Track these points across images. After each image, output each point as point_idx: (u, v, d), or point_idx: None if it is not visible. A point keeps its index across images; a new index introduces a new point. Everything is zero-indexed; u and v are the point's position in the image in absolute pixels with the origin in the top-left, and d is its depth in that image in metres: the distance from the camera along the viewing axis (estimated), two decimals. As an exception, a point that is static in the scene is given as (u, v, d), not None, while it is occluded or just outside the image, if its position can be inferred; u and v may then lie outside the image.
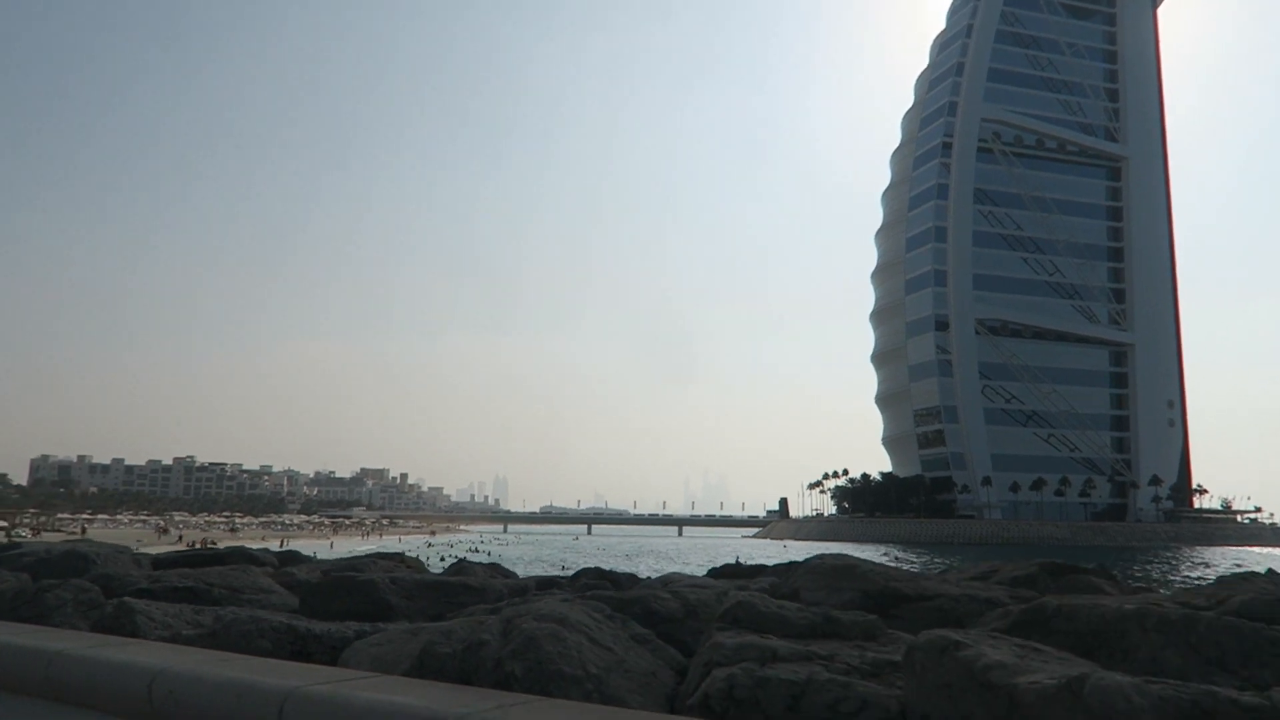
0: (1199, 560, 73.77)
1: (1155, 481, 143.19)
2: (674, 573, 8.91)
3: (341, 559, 8.36)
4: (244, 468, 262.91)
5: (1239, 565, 58.56)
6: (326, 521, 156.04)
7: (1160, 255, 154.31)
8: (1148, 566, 63.04)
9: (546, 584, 7.52)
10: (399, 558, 7.83)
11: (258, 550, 8.34)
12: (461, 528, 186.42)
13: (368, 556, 8.16)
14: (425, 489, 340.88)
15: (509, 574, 7.99)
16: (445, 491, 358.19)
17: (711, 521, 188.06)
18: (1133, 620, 3.45)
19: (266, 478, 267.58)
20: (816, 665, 3.07)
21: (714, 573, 8.32)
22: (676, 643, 3.92)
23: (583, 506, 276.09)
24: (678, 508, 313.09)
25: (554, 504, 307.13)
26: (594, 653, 3.44)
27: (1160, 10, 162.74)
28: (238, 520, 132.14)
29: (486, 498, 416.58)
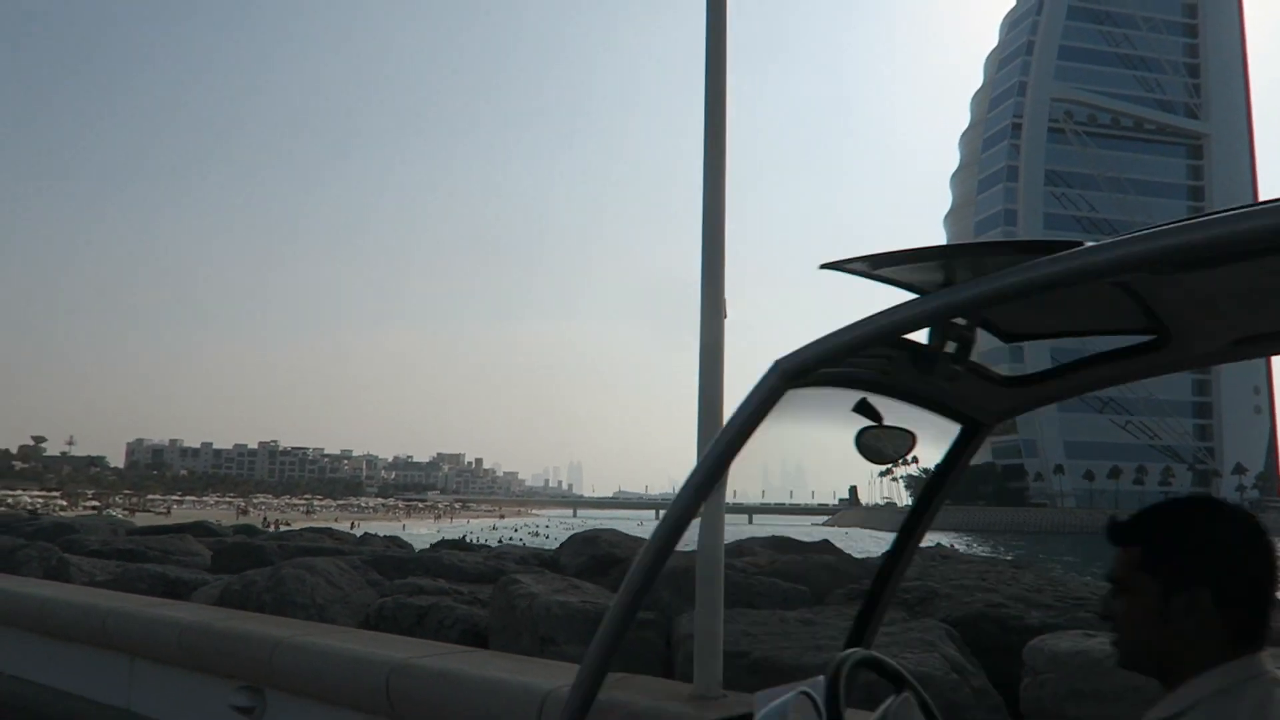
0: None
1: (1239, 470, 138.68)
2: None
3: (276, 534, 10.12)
4: (325, 452, 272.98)
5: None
6: (400, 504, 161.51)
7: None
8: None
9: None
10: (328, 532, 9.47)
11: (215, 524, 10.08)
12: (533, 511, 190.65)
13: (302, 530, 9.84)
14: (500, 474, 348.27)
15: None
16: (520, 476, 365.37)
17: (782, 509, 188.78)
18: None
19: (346, 462, 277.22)
20: (446, 598, 4.48)
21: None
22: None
23: (653, 492, 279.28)
24: (751, 496, 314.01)
25: (623, 489, 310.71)
26: (326, 590, 4.90)
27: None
28: (315, 502, 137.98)
29: (560, 483, 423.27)
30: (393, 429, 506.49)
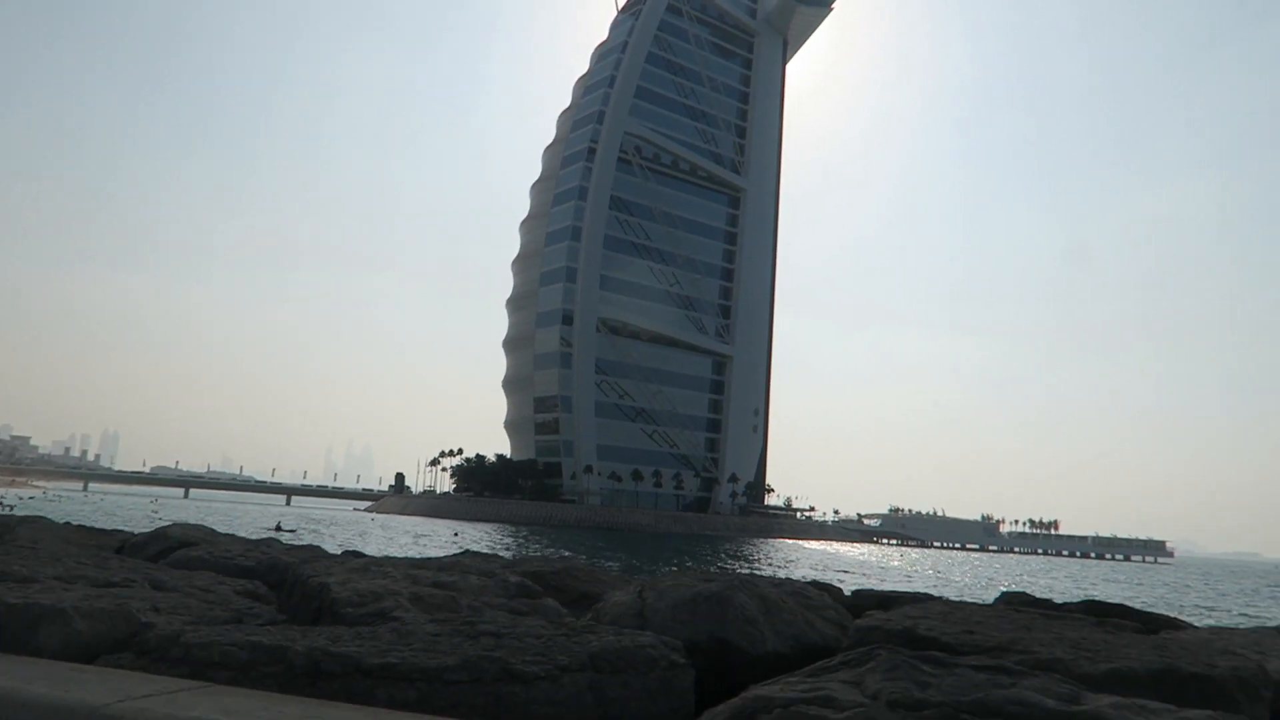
0: (730, 549, 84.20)
1: (733, 479, 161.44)
2: None
3: None
4: None
5: (774, 555, 68.48)
6: None
7: (763, 279, 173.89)
8: (690, 551, 71.24)
9: None
10: None
11: None
12: (34, 483, 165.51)
13: None
14: (6, 437, 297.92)
15: None
16: (33, 442, 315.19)
17: (324, 492, 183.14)
18: None
19: None
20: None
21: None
22: None
23: (211, 470, 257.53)
24: (318, 477, 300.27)
25: (176, 464, 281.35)
26: None
27: (790, 66, 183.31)
28: None
29: (86, 452, 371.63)
30: None
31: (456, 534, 73.02)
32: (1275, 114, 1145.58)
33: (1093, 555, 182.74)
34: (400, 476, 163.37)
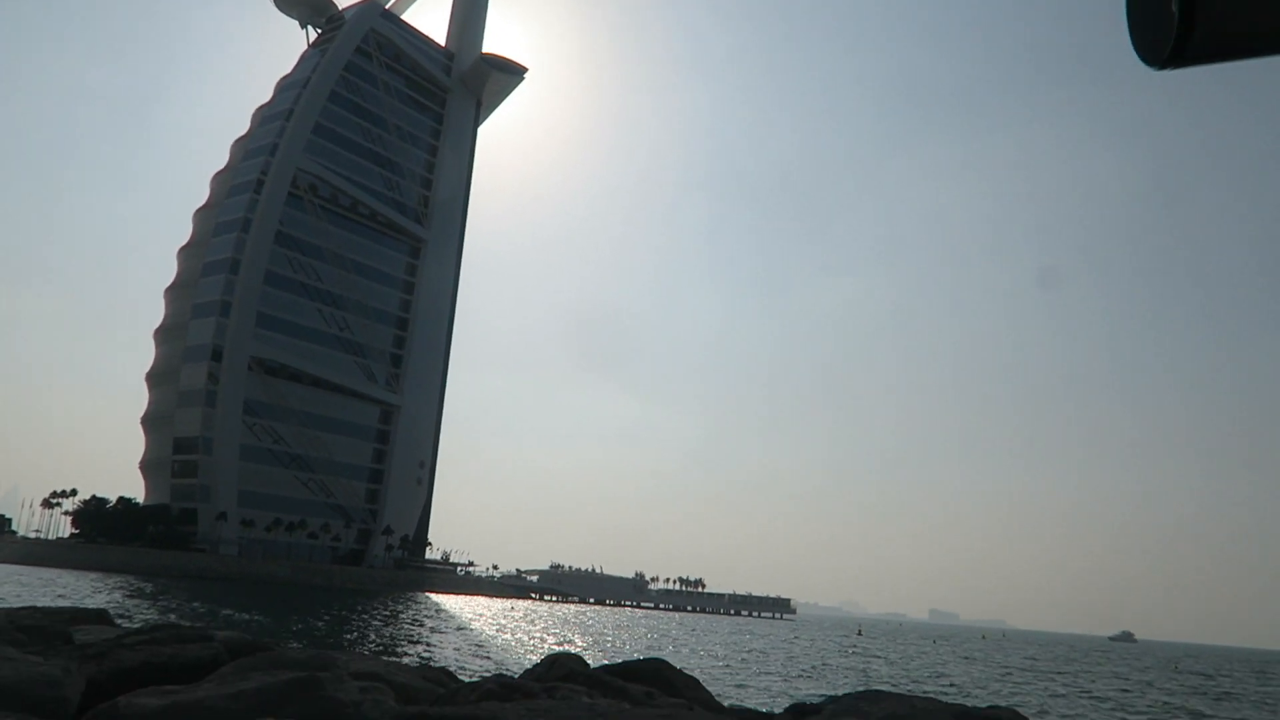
0: (361, 607, 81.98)
1: (388, 531, 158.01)
2: None
3: None
4: None
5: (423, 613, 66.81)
6: None
7: (439, 330, 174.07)
8: (321, 607, 68.44)
9: None
10: None
11: None
12: None
13: None
14: None
15: None
16: None
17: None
18: None
19: None
20: None
21: None
22: None
23: None
24: None
25: None
26: None
27: (481, 129, 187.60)
28: None
29: None
30: None
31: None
32: (936, 219, 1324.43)
33: (732, 611, 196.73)
34: (1, 518, 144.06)
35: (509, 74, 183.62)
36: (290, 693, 7.75)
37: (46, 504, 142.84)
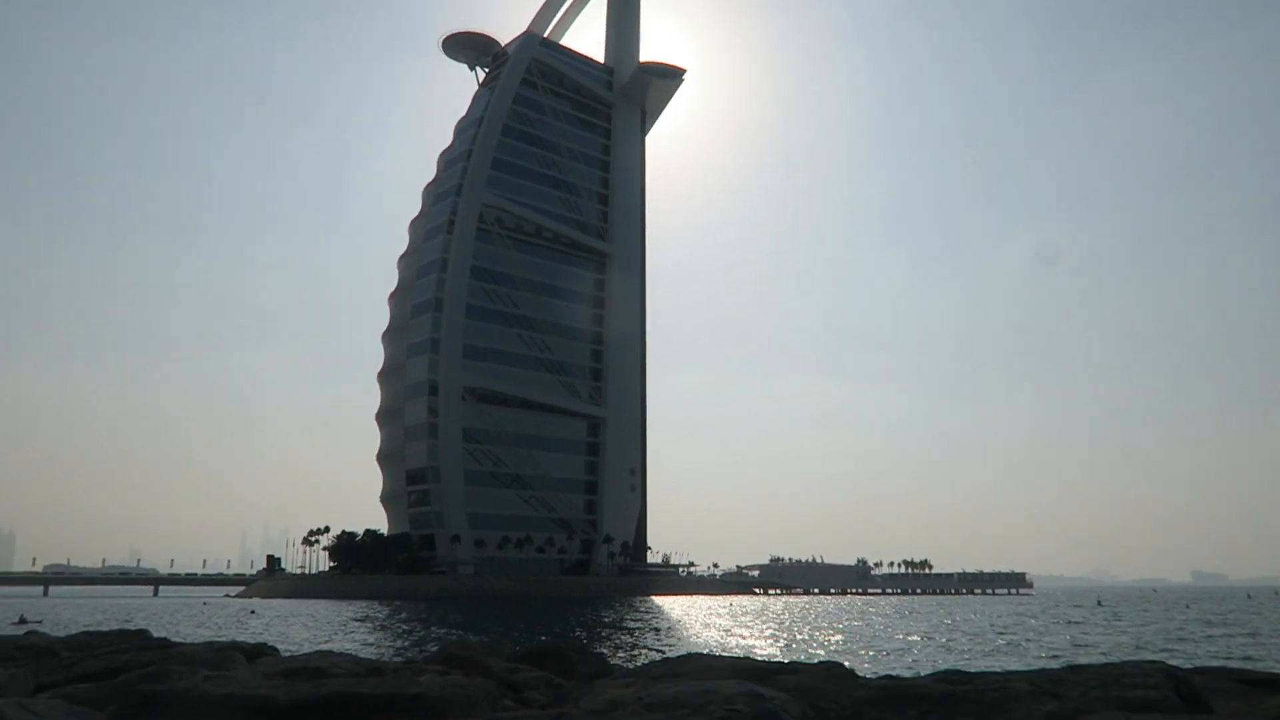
0: (589, 615, 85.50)
1: (609, 539, 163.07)
2: None
3: None
4: None
5: (647, 615, 69.64)
6: None
7: (633, 340, 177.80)
8: (555, 617, 72.40)
9: None
10: None
11: None
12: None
13: None
14: None
15: None
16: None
17: (193, 580, 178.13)
18: None
19: None
20: None
21: None
22: None
23: (108, 564, 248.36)
24: (238, 565, 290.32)
25: (68, 561, 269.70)
26: None
27: (648, 137, 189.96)
28: None
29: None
30: None
31: (253, 611, 74.26)
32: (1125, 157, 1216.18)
33: (962, 591, 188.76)
34: (272, 559, 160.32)
35: (668, 78, 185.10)
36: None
37: (306, 541, 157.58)
